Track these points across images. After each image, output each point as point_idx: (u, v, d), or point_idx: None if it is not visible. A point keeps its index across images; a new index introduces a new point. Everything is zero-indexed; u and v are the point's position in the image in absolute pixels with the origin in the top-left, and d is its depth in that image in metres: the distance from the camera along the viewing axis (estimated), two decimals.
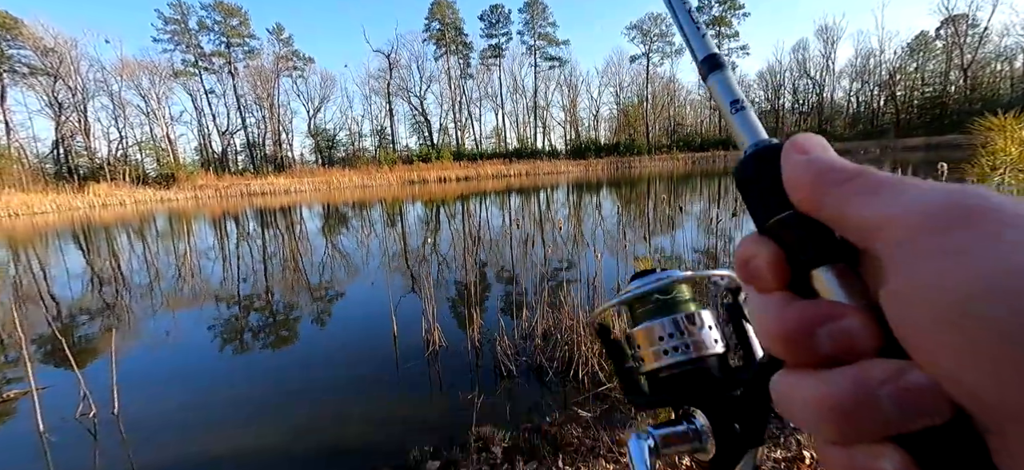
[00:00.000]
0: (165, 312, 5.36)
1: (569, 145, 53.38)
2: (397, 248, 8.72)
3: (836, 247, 0.18)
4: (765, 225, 0.19)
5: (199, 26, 44.71)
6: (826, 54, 52.24)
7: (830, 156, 0.18)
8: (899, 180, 0.16)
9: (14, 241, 13.66)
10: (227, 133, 47.03)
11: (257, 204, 22.46)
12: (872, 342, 0.16)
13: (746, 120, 0.22)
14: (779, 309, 0.18)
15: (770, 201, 0.19)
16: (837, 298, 0.17)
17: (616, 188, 19.33)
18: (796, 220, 0.18)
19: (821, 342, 0.16)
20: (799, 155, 0.19)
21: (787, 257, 0.18)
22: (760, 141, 0.21)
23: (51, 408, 2.85)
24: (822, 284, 0.18)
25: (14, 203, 23.68)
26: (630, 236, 7.92)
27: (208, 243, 11.28)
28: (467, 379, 3.12)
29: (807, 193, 0.18)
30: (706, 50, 0.24)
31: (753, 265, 0.19)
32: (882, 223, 0.16)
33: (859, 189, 0.17)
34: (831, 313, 0.17)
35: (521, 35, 53.34)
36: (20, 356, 4.10)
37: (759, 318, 0.18)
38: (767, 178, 0.19)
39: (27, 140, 38.33)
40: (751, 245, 0.19)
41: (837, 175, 0.17)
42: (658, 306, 0.33)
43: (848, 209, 0.17)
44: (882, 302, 0.16)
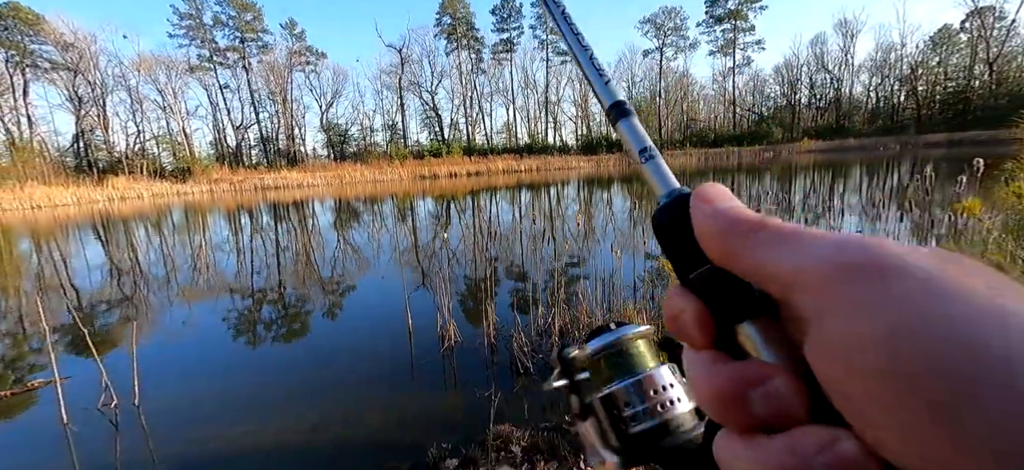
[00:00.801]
0: (182, 304, 5.42)
1: (580, 141, 53.03)
2: (411, 243, 8.72)
3: (756, 301, 0.17)
4: (687, 279, 0.19)
5: (214, 21, 45.23)
6: (845, 48, 51.02)
7: (734, 206, 0.18)
8: (804, 230, 0.16)
9: (37, 233, 13.99)
10: (241, 127, 47.62)
11: (271, 198, 22.70)
12: (802, 403, 0.16)
13: (657, 168, 0.21)
14: (708, 370, 0.17)
15: (688, 254, 0.19)
16: (763, 355, 0.17)
17: (628, 184, 19.14)
18: (714, 275, 0.18)
19: (753, 407, 0.16)
20: (706, 206, 0.18)
21: (711, 312, 0.18)
22: (672, 190, 0.20)
23: (73, 398, 2.89)
24: (747, 340, 0.17)
25: (36, 196, 24.23)
26: (645, 233, 7.82)
27: (224, 237, 11.43)
28: (483, 376, 3.09)
29: (718, 247, 0.18)
30: (612, 97, 0.24)
31: (681, 320, 0.19)
32: (795, 276, 0.15)
33: (767, 239, 0.17)
34: (759, 375, 0.16)
35: (533, 29, 53.03)
36: (43, 346, 4.18)
37: (692, 378, 0.18)
38: (681, 230, 0.19)
39: (48, 134, 39.32)
40: (677, 300, 0.19)
41: (743, 226, 0.17)
42: (616, 370, 0.31)
43: (757, 261, 0.17)
44: (808, 357, 0.15)
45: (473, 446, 2.22)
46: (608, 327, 0.33)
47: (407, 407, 2.83)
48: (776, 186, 14.41)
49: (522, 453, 2.09)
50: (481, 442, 2.23)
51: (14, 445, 2.70)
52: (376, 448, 2.42)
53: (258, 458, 2.44)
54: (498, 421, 2.36)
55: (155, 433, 2.71)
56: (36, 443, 2.69)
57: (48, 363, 3.74)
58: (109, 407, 2.89)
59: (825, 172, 18.33)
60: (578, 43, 0.25)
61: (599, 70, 0.24)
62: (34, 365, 3.84)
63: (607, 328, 0.33)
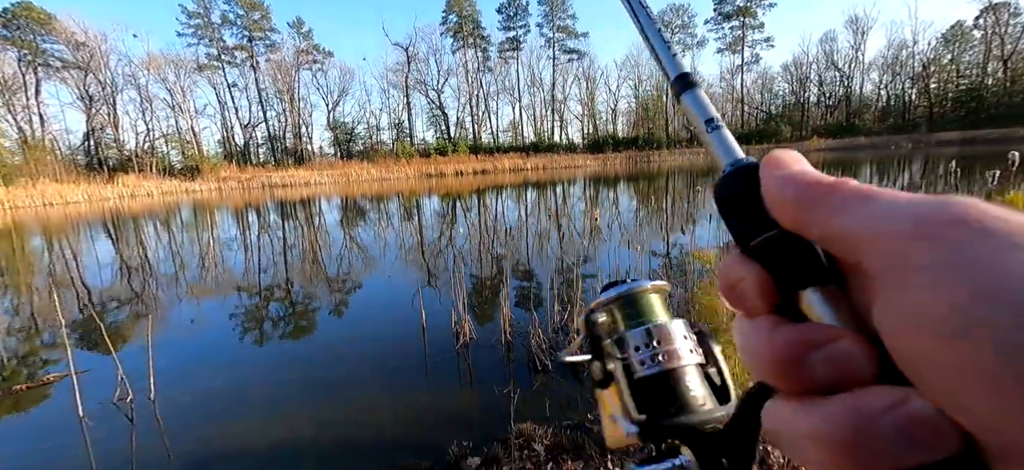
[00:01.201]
0: (194, 301, 5.42)
1: (586, 139, 52.84)
2: (420, 241, 8.70)
3: (824, 267, 0.17)
4: (749, 246, 0.19)
5: (222, 20, 45.52)
6: (856, 45, 50.44)
7: (808, 170, 0.18)
8: (881, 191, 0.16)
9: (49, 230, 14.13)
10: (249, 126, 47.92)
11: (278, 196, 22.80)
12: (869, 367, 0.15)
13: (722, 139, 0.21)
14: (767, 334, 0.17)
15: (753, 221, 0.18)
16: (828, 320, 0.16)
17: (635, 182, 19.02)
18: (781, 240, 0.18)
19: (814, 368, 0.16)
20: (777, 171, 0.18)
21: (774, 279, 0.18)
22: (738, 160, 0.20)
23: (88, 392, 2.87)
24: (811, 307, 0.17)
25: (48, 193, 24.50)
26: (653, 229, 7.73)
27: (235, 234, 11.48)
28: (499, 373, 3.04)
29: (789, 210, 0.17)
30: (677, 69, 0.23)
31: (739, 289, 0.18)
32: (869, 236, 0.15)
33: (842, 202, 0.16)
34: (824, 337, 0.16)
35: (540, 27, 52.91)
36: (58, 340, 4.19)
37: (746, 344, 0.18)
38: (747, 197, 0.19)
39: (59, 132, 39.80)
40: (736, 267, 0.18)
41: (818, 189, 0.17)
42: (627, 319, 0.32)
43: (833, 224, 0.16)
44: (876, 322, 0.15)
45: (495, 444, 2.17)
46: (623, 280, 0.34)
47: (423, 404, 2.79)
48: None
49: (545, 452, 2.04)
50: (503, 440, 2.18)
51: (31, 438, 2.69)
52: (394, 445, 2.38)
53: (274, 454, 2.41)
54: (519, 419, 2.31)
55: (170, 428, 2.69)
56: (52, 436, 2.68)
57: (61, 357, 3.76)
58: (124, 402, 2.87)
59: (835, 171, 18.10)
60: (646, 14, 0.25)
61: (666, 43, 0.24)
62: (48, 359, 3.84)
63: (622, 281, 0.34)
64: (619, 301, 0.32)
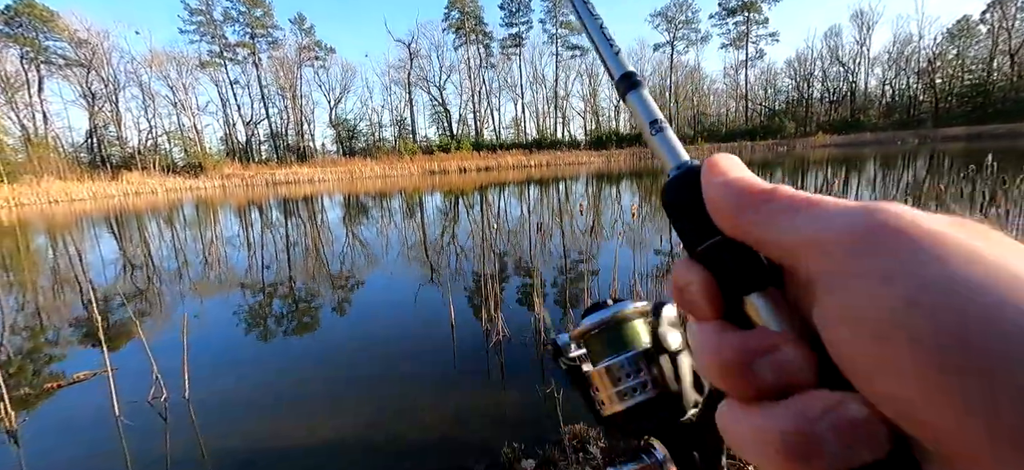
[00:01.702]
0: (220, 296, 5.38)
1: (589, 135, 52.71)
2: (449, 237, 8.65)
3: (765, 272, 0.17)
4: (695, 251, 0.19)
5: (224, 17, 45.44)
6: (861, 40, 50.16)
7: (745, 176, 0.18)
8: (813, 198, 0.16)
9: (57, 227, 14.11)
10: (251, 123, 47.87)
11: (281, 193, 22.77)
12: (810, 371, 0.16)
13: (666, 141, 0.21)
14: (715, 340, 0.17)
15: (697, 226, 0.19)
16: (771, 325, 0.17)
17: (640, 178, 18.94)
18: (723, 246, 0.18)
19: (760, 375, 0.16)
20: (716, 177, 0.18)
21: (719, 284, 0.18)
22: (682, 163, 0.20)
23: (122, 390, 2.83)
24: (755, 311, 0.17)
25: (53, 191, 24.51)
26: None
27: (249, 232, 11.44)
28: (536, 372, 3.00)
29: (728, 217, 0.18)
30: (622, 68, 0.23)
31: (688, 293, 0.18)
32: (805, 244, 0.15)
33: (776, 210, 0.16)
34: (767, 344, 0.16)
35: (542, 23, 52.71)
36: (94, 336, 4.15)
37: (697, 349, 0.18)
38: (691, 202, 0.19)
39: (62, 130, 39.81)
40: (684, 272, 0.19)
41: (753, 197, 0.17)
42: (612, 346, 0.32)
43: (768, 232, 0.17)
44: (816, 325, 0.15)
45: (547, 446, 2.12)
46: (605, 304, 0.33)
47: (463, 404, 2.74)
48: (787, 180, 14.15)
49: (602, 455, 1.99)
50: (556, 442, 2.13)
51: (67, 435, 2.66)
52: (441, 447, 2.33)
53: (314, 454, 2.37)
54: (567, 420, 2.26)
55: (204, 427, 2.64)
56: (88, 434, 2.64)
57: (82, 354, 3.72)
58: (159, 400, 2.83)
59: (838, 167, 17.99)
60: (587, 11, 0.25)
61: (609, 40, 0.24)
62: (77, 356, 3.80)
63: (603, 304, 0.33)
64: (602, 327, 0.32)
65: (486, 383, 2.97)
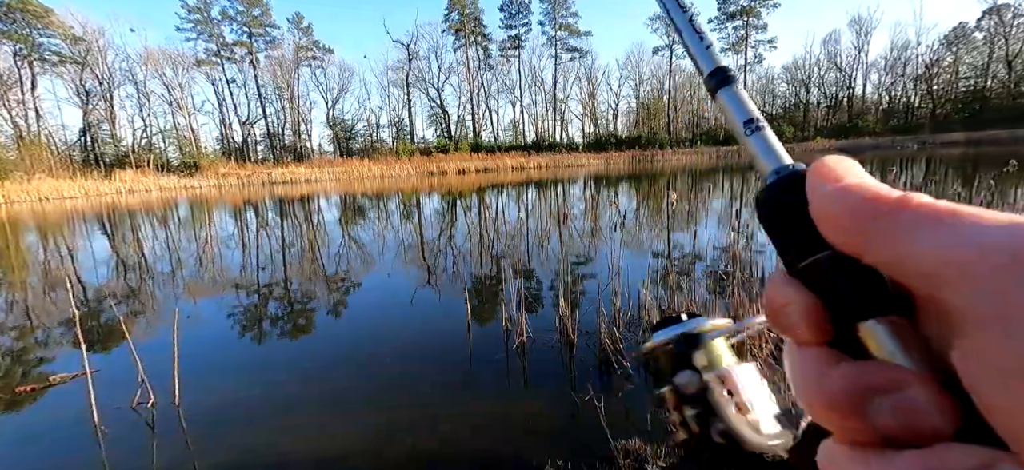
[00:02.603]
0: (219, 298, 5.06)
1: (587, 138, 52.56)
2: (457, 236, 8.36)
3: (888, 296, 0.14)
4: (796, 267, 0.16)
5: (221, 15, 45.01)
6: (859, 46, 50.35)
7: (866, 182, 0.15)
8: (960, 209, 0.13)
9: (46, 225, 13.70)
10: (247, 122, 47.37)
11: (279, 193, 22.39)
12: (946, 420, 0.13)
13: (764, 142, 0.19)
14: (820, 370, 0.15)
15: (800, 239, 0.16)
16: (896, 359, 0.14)
17: (645, 181, 18.72)
18: (834, 263, 0.15)
19: (878, 417, 0.13)
20: (828, 184, 0.15)
21: (827, 307, 0.15)
22: (782, 167, 0.18)
23: (103, 395, 2.52)
24: (873, 341, 0.14)
25: (44, 189, 24.06)
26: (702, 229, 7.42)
27: (249, 231, 11.10)
28: (565, 376, 2.71)
29: (845, 231, 0.15)
30: (713, 63, 0.21)
31: (786, 314, 0.16)
32: (950, 266, 0.12)
33: (909, 223, 0.13)
34: (890, 380, 0.13)
35: (541, 26, 52.59)
36: (56, 338, 3.83)
37: (797, 378, 0.15)
38: (793, 211, 0.16)
39: (55, 128, 39.19)
40: (781, 290, 0.16)
41: (877, 207, 0.14)
42: (684, 361, 0.29)
43: (898, 250, 0.13)
44: (958, 367, 0.12)
45: (597, 463, 1.84)
46: (679, 317, 0.30)
47: (484, 411, 2.45)
48: None
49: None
50: (606, 458, 1.85)
51: (39, 446, 2.34)
52: (465, 460, 2.04)
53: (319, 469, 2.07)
54: (617, 434, 1.97)
55: (195, 437, 2.34)
56: (63, 445, 2.33)
57: (63, 356, 3.41)
58: (145, 406, 2.52)
59: None
60: (676, 2, 0.22)
61: (699, 33, 0.22)
62: (55, 357, 3.48)
63: (677, 318, 0.30)
64: (672, 343, 0.30)
65: (508, 388, 2.69)
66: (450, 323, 3.71)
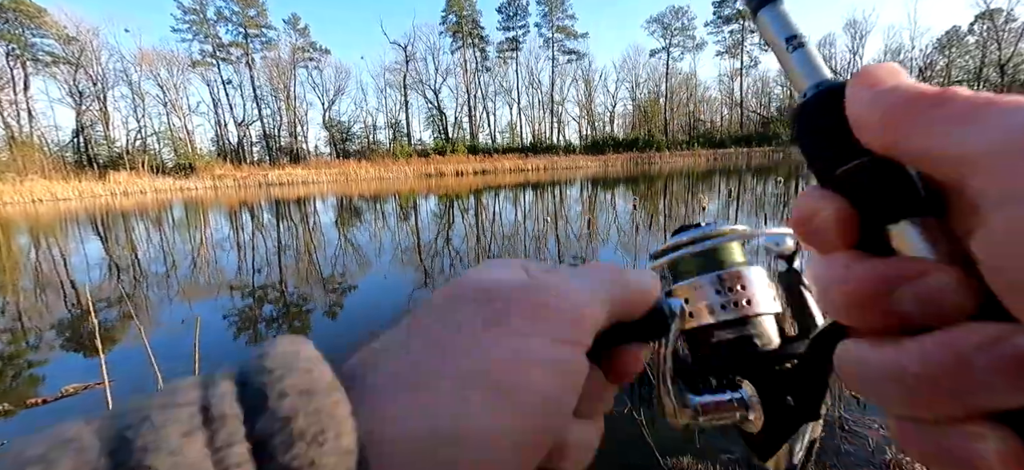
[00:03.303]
0: (230, 300, 4.97)
1: (585, 140, 52.68)
2: (465, 239, 8.28)
3: (921, 197, 0.15)
4: (832, 175, 0.16)
5: (217, 16, 44.75)
6: (854, 50, 50.85)
7: (907, 82, 0.15)
8: (993, 99, 0.13)
9: (39, 227, 13.49)
10: (243, 123, 47.08)
11: (275, 195, 22.23)
12: (966, 302, 0.13)
13: (805, 58, 0.19)
14: (847, 268, 0.15)
15: (836, 148, 0.16)
16: (921, 255, 0.14)
17: (645, 182, 18.74)
18: (871, 166, 0.15)
19: (902, 303, 0.14)
20: (869, 87, 0.15)
21: (859, 212, 0.16)
22: (822, 81, 0.18)
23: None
24: (903, 240, 0.15)
25: (37, 190, 23.76)
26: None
27: (245, 234, 10.97)
28: None
29: (882, 129, 0.15)
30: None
31: (815, 223, 0.16)
32: (982, 155, 0.12)
33: (948, 116, 0.13)
34: (914, 270, 0.14)
35: (539, 27, 52.68)
36: (90, 341, 3.72)
37: (822, 280, 0.16)
38: (831, 122, 0.16)
39: (48, 129, 38.76)
40: (813, 199, 0.16)
41: (918, 103, 0.14)
42: (703, 262, 0.30)
43: (942, 142, 0.13)
44: (979, 253, 0.13)
45: None
46: (696, 224, 0.32)
47: None
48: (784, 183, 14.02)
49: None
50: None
51: None
52: None
53: None
54: (665, 451, 1.90)
55: None
56: None
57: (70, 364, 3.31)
58: None
59: None
60: None
61: None
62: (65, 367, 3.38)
63: (695, 225, 0.32)
64: (692, 244, 0.31)
65: None
66: None
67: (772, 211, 8.43)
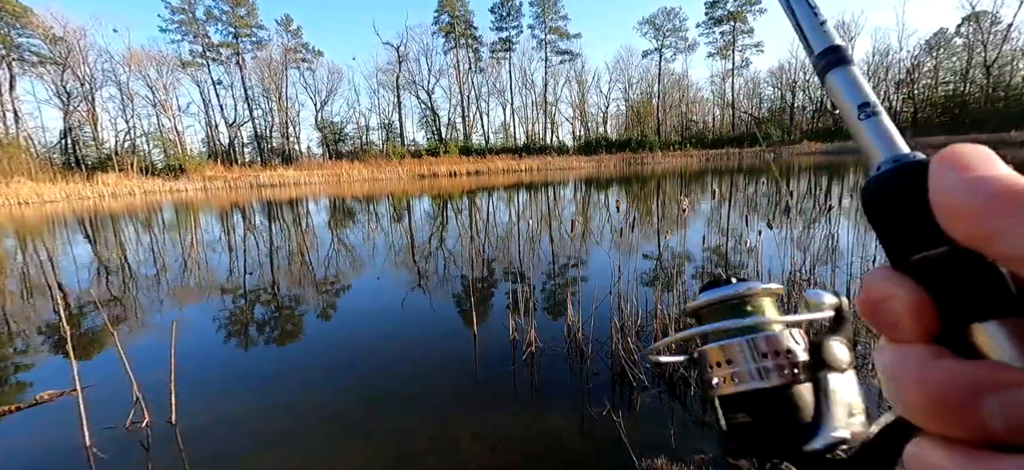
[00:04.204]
0: (211, 307, 4.91)
1: (578, 141, 52.77)
2: (461, 241, 8.25)
3: (1011, 296, 0.14)
4: (907, 261, 0.15)
5: (206, 16, 44.28)
6: None
7: (1000, 172, 0.14)
8: None
9: (25, 230, 13.27)
10: (234, 124, 46.64)
11: (266, 196, 22.04)
12: None
13: (879, 128, 0.18)
14: (925, 365, 0.14)
15: (914, 232, 0.15)
16: (1011, 361, 0.13)
17: (638, 183, 18.80)
18: (954, 258, 0.14)
19: (991, 415, 0.12)
20: (957, 173, 0.14)
21: (937, 304, 0.14)
22: (900, 156, 0.17)
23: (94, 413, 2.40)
24: (988, 342, 0.14)
25: (23, 192, 23.39)
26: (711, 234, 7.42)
27: (237, 236, 10.86)
28: (577, 389, 2.65)
29: (972, 223, 0.13)
30: (825, 41, 0.19)
31: (886, 309, 0.15)
32: None
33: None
34: (1011, 379, 0.12)
35: (532, 29, 52.69)
36: (63, 348, 3.66)
37: (895, 373, 0.14)
38: (910, 203, 0.15)
39: (35, 130, 38.15)
40: (884, 283, 0.15)
41: (1013, 198, 0.13)
42: (735, 330, 0.28)
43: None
44: None
45: None
46: (728, 280, 0.30)
47: (501, 429, 2.37)
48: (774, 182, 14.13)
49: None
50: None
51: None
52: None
53: None
54: (640, 450, 1.91)
55: (194, 460, 2.23)
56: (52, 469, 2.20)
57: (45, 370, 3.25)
58: (140, 426, 2.40)
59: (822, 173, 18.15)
60: None
61: (812, 8, 0.20)
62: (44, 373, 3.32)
63: (726, 280, 0.30)
64: (723, 305, 0.29)
65: (518, 402, 2.61)
66: (453, 332, 3.64)
67: (765, 212, 8.48)
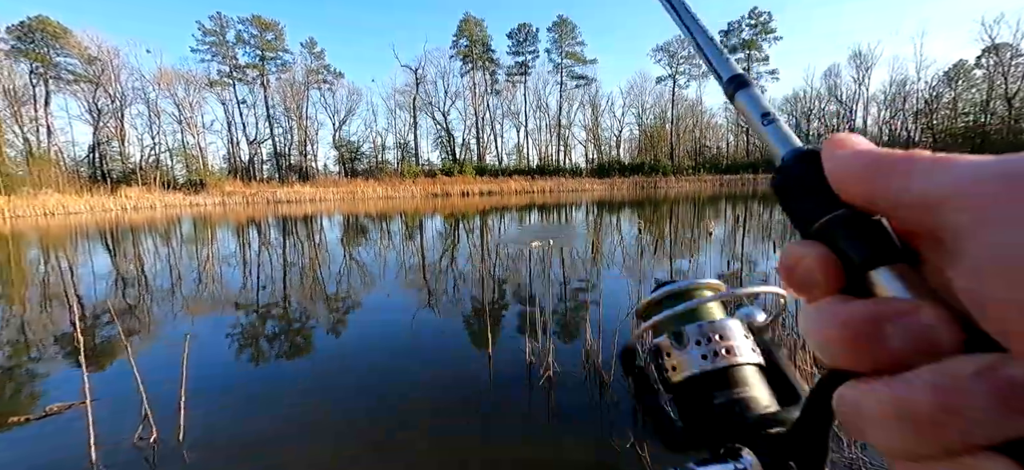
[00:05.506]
0: (223, 322, 4.90)
1: (591, 164, 52.92)
2: (463, 261, 8.21)
3: (895, 245, 0.16)
4: (812, 229, 0.18)
5: (236, 39, 46.03)
6: (859, 80, 51.09)
7: (874, 147, 0.17)
8: (954, 156, 0.15)
9: (47, 239, 13.61)
10: (255, 142, 47.89)
11: (283, 212, 22.38)
12: (953, 337, 0.14)
13: (779, 131, 0.21)
14: (836, 310, 0.16)
15: (815, 203, 0.18)
16: (903, 297, 0.15)
17: (651, 206, 18.65)
18: (848, 217, 0.17)
19: (891, 340, 0.14)
20: (845, 149, 0.17)
21: (840, 259, 0.17)
22: (797, 148, 0.20)
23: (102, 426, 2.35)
24: (882, 286, 0.16)
25: (50, 203, 24.16)
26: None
27: (253, 251, 10.98)
28: (595, 414, 2.53)
29: (859, 184, 0.16)
30: (730, 71, 0.24)
31: (801, 269, 0.17)
32: (951, 192, 0.14)
33: (918, 168, 0.15)
34: (904, 307, 0.15)
35: (548, 53, 53.62)
36: (77, 360, 3.65)
37: (813, 328, 0.16)
38: (809, 180, 0.18)
39: (65, 144, 39.64)
40: (797, 249, 0.17)
41: (890, 159, 0.16)
42: (683, 317, 0.31)
43: (910, 189, 0.15)
44: (959, 289, 0.14)
45: None
46: (676, 280, 0.33)
47: (518, 458, 2.26)
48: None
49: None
50: None
51: None
52: None
53: None
54: None
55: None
56: None
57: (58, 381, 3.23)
58: (148, 442, 2.34)
59: None
60: (692, 19, 0.25)
61: (716, 46, 0.24)
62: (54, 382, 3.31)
63: (673, 280, 0.33)
64: (672, 299, 0.32)
65: (534, 429, 2.50)
66: (466, 353, 3.55)
67: (781, 237, 8.29)
